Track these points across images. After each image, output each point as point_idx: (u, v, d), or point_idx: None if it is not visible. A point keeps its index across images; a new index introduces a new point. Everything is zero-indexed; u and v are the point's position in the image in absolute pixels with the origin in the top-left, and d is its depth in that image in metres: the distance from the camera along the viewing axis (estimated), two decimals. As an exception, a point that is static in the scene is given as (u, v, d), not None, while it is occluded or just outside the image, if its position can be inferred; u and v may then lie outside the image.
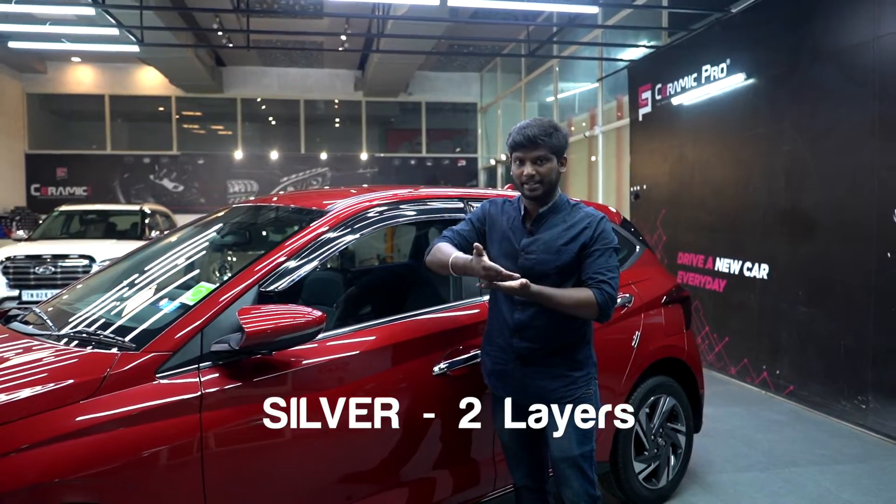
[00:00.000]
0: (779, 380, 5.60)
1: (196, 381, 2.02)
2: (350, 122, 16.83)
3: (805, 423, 4.91)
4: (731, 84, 6.18)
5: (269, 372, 2.14)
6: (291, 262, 2.34)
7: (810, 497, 3.67)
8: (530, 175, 2.30)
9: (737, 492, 3.74)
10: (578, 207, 2.40)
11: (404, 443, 2.47)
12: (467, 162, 17.05)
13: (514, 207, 2.47)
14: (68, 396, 1.86)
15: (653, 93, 7.69)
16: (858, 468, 4.05)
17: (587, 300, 2.23)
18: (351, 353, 2.35)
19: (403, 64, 13.29)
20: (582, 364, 2.39)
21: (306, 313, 2.09)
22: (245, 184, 15.90)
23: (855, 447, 4.41)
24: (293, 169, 16.18)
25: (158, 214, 10.70)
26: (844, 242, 4.90)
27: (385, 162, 16.77)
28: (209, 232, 3.09)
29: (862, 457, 4.24)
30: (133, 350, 2.03)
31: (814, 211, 5.22)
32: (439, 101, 16.84)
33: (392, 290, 2.85)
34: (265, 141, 16.41)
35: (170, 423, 1.94)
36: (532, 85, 13.18)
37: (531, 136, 2.29)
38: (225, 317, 2.14)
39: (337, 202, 2.66)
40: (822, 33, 5.16)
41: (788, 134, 5.47)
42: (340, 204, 2.65)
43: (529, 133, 2.29)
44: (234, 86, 15.78)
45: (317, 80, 16.11)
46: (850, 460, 4.19)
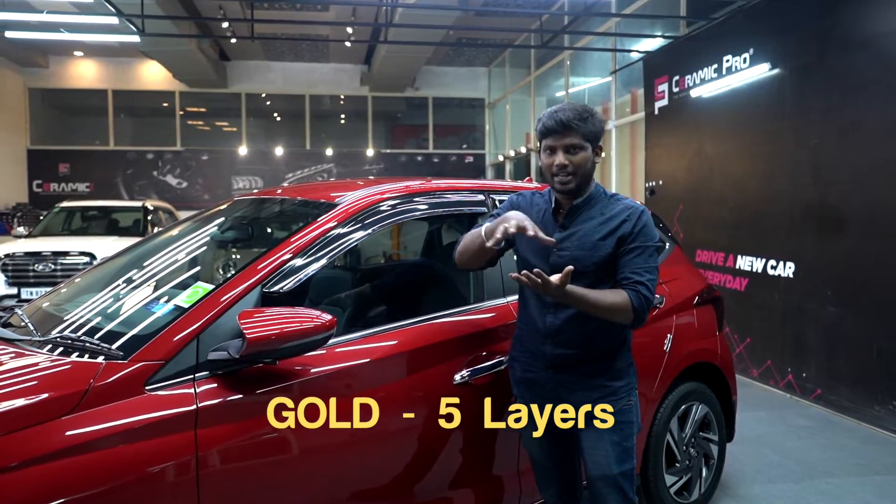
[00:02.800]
0: (805, 383, 5.36)
1: (191, 394, 1.79)
2: (356, 117, 16.59)
3: (836, 430, 4.66)
4: (755, 75, 5.92)
5: (272, 383, 1.91)
6: (298, 260, 2.11)
7: (850, 511, 3.44)
8: (562, 165, 2.06)
9: None
10: (616, 198, 2.16)
11: (423, 459, 2.24)
12: (475, 158, 16.81)
13: (545, 199, 2.23)
14: (45, 413, 1.63)
15: (670, 85, 7.43)
16: None
17: (623, 304, 1.99)
18: (363, 361, 2.12)
19: (411, 57, 13.04)
20: (622, 373, 2.15)
21: (315, 317, 1.86)
22: (250, 180, 15.69)
23: (893, 456, 4.17)
24: (298, 165, 15.97)
25: (161, 211, 10.50)
26: (878, 238, 4.65)
27: (391, 158, 16.54)
28: (209, 227, 2.86)
29: (899, 467, 4.00)
30: (120, 359, 1.80)
31: (844, 206, 4.96)
32: (447, 96, 16.59)
33: (406, 291, 2.62)
34: (270, 137, 16.17)
35: (161, 441, 1.71)
36: (542, 79, 12.92)
37: (563, 120, 2.04)
38: (224, 321, 1.91)
39: (346, 195, 2.43)
40: (854, 21, 4.90)
41: (816, 126, 5.22)
42: (350, 196, 2.42)
43: (562, 117, 2.04)
44: (239, 80, 15.55)
45: (322, 75, 15.88)
46: (888, 471, 3.94)
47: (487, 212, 2.67)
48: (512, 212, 2.00)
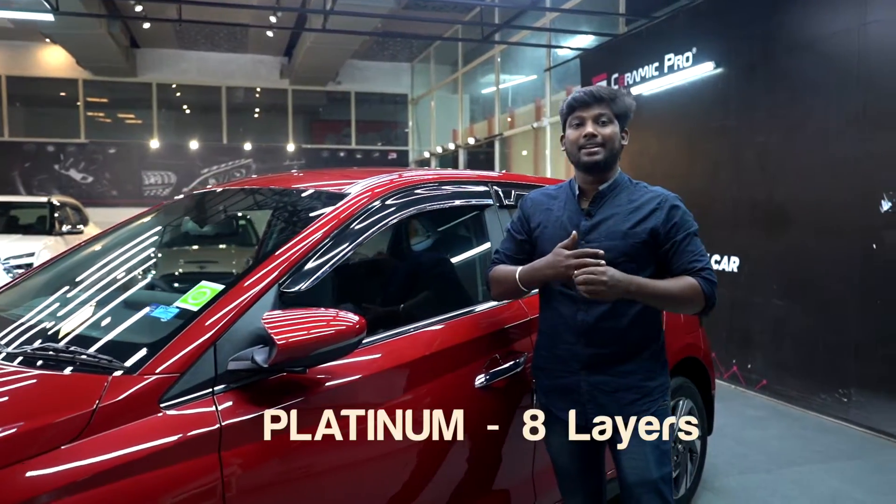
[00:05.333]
0: (750, 374, 5.51)
1: (213, 411, 1.54)
2: (275, 111, 16.03)
3: (787, 419, 4.80)
4: (698, 73, 6.05)
5: (299, 394, 1.69)
6: (315, 255, 1.88)
7: (823, 498, 3.51)
8: (591, 134, 1.96)
9: (749, 496, 3.54)
10: (642, 185, 2.06)
11: (457, 467, 2.09)
12: (398, 155, 16.61)
13: (565, 190, 2.10)
14: (43, 442, 1.35)
15: (609, 82, 7.51)
16: (858, 465, 3.94)
17: (695, 290, 1.90)
18: (392, 367, 1.92)
19: (337, 49, 12.69)
20: (657, 372, 2.05)
21: (345, 319, 1.65)
22: (162, 175, 14.85)
23: (844, 443, 4.32)
24: (215, 160, 15.25)
25: (69, 207, 9.74)
26: (824, 235, 4.82)
27: (313, 153, 16.08)
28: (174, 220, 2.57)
29: (856, 453, 4.14)
30: (127, 372, 1.53)
31: (791, 203, 5.12)
32: (369, 91, 16.30)
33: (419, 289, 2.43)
34: (184, 130, 15.36)
35: (181, 468, 1.46)
36: (470, 76, 12.88)
37: (594, 91, 1.99)
38: (242, 325, 1.67)
39: (357, 182, 2.22)
40: (799, 21, 5.06)
41: (762, 125, 5.37)
42: (365, 184, 2.21)
43: (593, 90, 2.00)
44: (150, 69, 14.69)
45: (240, 66, 15.24)
46: (845, 457, 4.08)
47: (493, 202, 2.54)
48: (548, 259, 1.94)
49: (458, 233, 2.75)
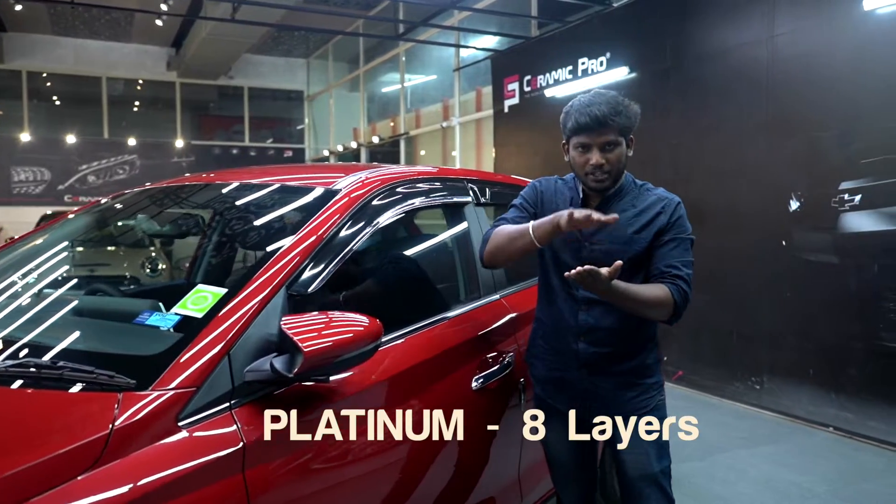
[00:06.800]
0: (666, 366, 5.76)
1: (234, 429, 1.39)
2: (162, 105, 15.14)
3: (705, 407, 5.06)
4: (612, 78, 6.26)
5: (318, 403, 1.56)
6: (321, 254, 1.75)
7: (759, 481, 3.71)
8: (598, 165, 1.91)
9: (692, 483, 3.69)
10: (647, 188, 2.06)
11: (466, 467, 2.05)
12: (294, 153, 16.15)
13: (571, 188, 2.09)
14: (58, 472, 1.16)
15: (521, 84, 7.64)
16: (779, 448, 4.20)
17: (664, 298, 1.88)
18: (404, 370, 1.83)
19: (234, 41, 12.16)
20: (653, 369, 2.08)
21: (361, 322, 1.55)
22: (34, 171, 13.65)
23: (762, 427, 4.60)
24: (95, 156, 14.20)
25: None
26: (736, 233, 5.11)
27: (204, 150, 15.34)
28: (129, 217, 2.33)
29: (774, 437, 4.41)
30: (137, 388, 1.35)
31: (704, 203, 5.39)
32: (263, 86, 15.75)
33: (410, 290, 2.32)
34: (59, 123, 14.19)
35: (206, 493, 1.30)
36: (372, 74, 12.72)
37: (599, 116, 1.87)
38: (253, 331, 1.52)
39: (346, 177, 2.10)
40: (710, 30, 5.34)
41: (676, 128, 5.63)
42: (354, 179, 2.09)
43: (597, 112, 1.87)
44: (20, 55, 13.45)
45: (122, 56, 14.28)
46: (766, 441, 4.34)
47: (472, 200, 2.49)
48: (563, 211, 1.80)
49: (442, 229, 2.68)
